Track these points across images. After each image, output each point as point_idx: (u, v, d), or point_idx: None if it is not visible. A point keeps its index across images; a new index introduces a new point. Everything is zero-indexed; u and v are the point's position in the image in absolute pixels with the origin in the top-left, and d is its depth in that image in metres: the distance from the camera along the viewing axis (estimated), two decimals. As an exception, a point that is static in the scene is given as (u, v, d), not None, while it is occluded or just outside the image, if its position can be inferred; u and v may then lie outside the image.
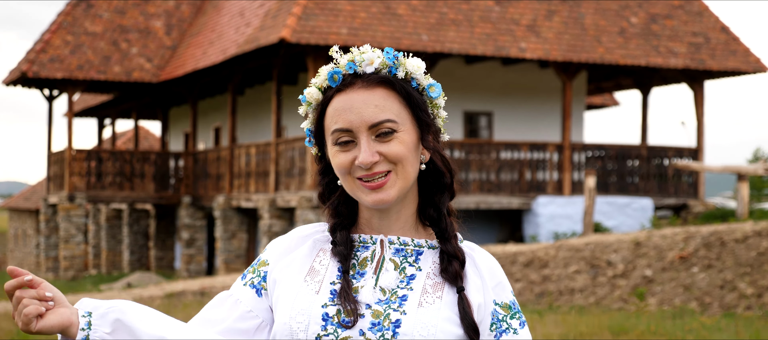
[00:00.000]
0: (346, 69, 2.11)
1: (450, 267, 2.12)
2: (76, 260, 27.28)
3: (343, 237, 2.15)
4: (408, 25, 21.76)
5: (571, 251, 15.79)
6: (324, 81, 2.13)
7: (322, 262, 2.16)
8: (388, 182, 2.08)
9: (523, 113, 25.48)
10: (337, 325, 2.04)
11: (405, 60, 2.13)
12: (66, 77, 26.02)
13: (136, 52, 27.23)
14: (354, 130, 2.08)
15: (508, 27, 22.67)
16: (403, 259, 2.14)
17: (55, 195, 27.70)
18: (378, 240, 2.15)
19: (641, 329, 10.77)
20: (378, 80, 2.10)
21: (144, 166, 27.55)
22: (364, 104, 2.08)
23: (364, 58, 2.11)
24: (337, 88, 2.11)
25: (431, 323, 2.05)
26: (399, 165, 2.08)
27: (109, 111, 35.65)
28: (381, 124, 2.07)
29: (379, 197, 2.08)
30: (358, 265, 2.14)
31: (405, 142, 2.09)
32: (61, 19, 27.17)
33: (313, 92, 2.15)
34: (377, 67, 2.10)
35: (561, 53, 22.67)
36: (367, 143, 2.07)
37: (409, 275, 2.12)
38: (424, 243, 2.17)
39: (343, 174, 2.11)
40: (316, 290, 2.10)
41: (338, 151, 2.10)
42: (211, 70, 25.23)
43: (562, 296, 14.68)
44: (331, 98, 2.12)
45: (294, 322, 2.07)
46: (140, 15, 28.02)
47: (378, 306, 2.07)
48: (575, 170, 23.63)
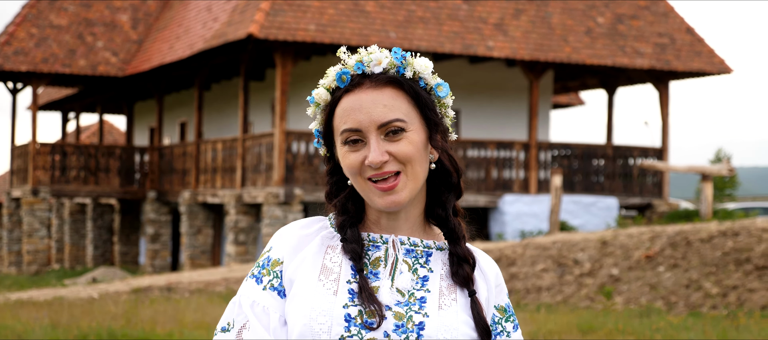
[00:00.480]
0: (355, 69, 2.11)
1: (461, 270, 2.14)
2: (40, 255, 27.07)
3: (354, 234, 2.14)
4: (376, 22, 21.76)
5: (538, 249, 15.86)
6: (332, 81, 2.13)
7: (333, 260, 2.14)
8: (399, 184, 2.08)
9: (490, 112, 25.55)
10: (361, 326, 2.04)
11: (413, 60, 2.14)
12: (30, 70, 25.80)
13: (102, 45, 27.04)
14: (363, 129, 2.08)
15: (476, 25, 22.73)
16: (414, 260, 2.15)
17: (19, 189, 27.46)
18: (390, 240, 2.15)
19: (610, 327, 10.85)
20: (386, 80, 2.10)
21: (109, 160, 27.37)
22: (373, 104, 2.08)
23: (371, 58, 2.11)
24: (346, 89, 2.11)
25: (452, 326, 2.08)
26: (408, 165, 2.09)
27: (73, 105, 35.37)
28: (390, 124, 2.08)
29: (391, 199, 2.08)
30: (371, 265, 2.13)
31: (414, 141, 2.09)
32: (25, 12, 26.94)
33: (321, 93, 2.15)
34: (385, 67, 2.11)
35: (528, 52, 22.76)
36: (376, 143, 2.07)
37: (422, 277, 2.13)
38: (432, 244, 2.17)
39: (354, 175, 2.10)
40: (334, 291, 2.09)
41: (348, 152, 2.10)
42: (178, 65, 25.10)
43: (529, 295, 14.75)
44: (340, 99, 2.12)
45: (315, 323, 2.05)
46: (106, 9, 27.83)
47: (399, 308, 2.08)
48: (541, 168, 23.73)
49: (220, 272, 18.17)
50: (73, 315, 12.62)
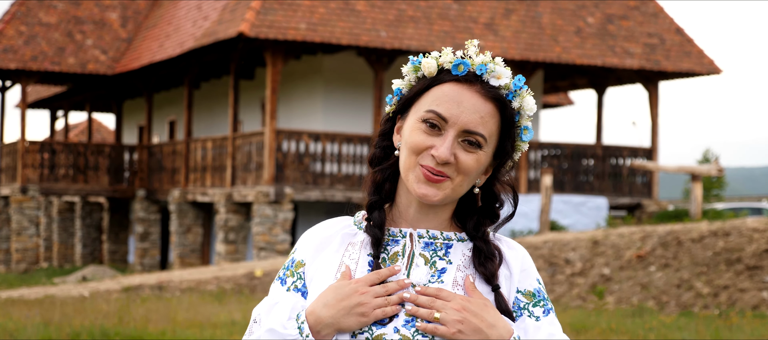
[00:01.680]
0: (476, 69, 2.10)
1: (489, 264, 2.13)
2: (29, 253, 26.99)
3: (380, 218, 2.14)
4: (366, 21, 21.75)
5: (529, 248, 15.88)
6: (448, 63, 2.12)
7: (351, 256, 2.14)
8: (443, 184, 2.08)
9: (481, 111, 25.54)
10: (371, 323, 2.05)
11: (526, 95, 2.13)
12: (19, 68, 25.72)
13: (91, 43, 26.97)
14: (450, 122, 2.07)
15: (466, 25, 22.75)
16: (433, 253, 2.14)
17: (8, 187, 27.38)
18: (408, 234, 2.15)
19: (602, 326, 10.87)
20: (495, 96, 2.10)
21: (98, 159, 27.30)
22: (473, 108, 2.08)
23: (496, 69, 2.11)
24: (456, 78, 2.10)
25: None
26: (461, 176, 2.09)
27: (62, 103, 35.27)
28: (474, 135, 2.08)
29: (425, 192, 2.08)
30: (389, 259, 2.13)
31: (480, 161, 2.10)
32: (14, 9, 26.85)
33: (431, 65, 2.13)
34: (500, 84, 2.11)
35: (518, 52, 22.79)
36: (452, 141, 2.07)
37: (439, 269, 2.12)
38: (453, 236, 2.17)
39: (411, 152, 2.09)
40: None
41: (421, 130, 2.09)
42: (168, 64, 25.05)
43: (521, 294, 14.76)
44: (445, 82, 2.10)
45: None
46: (95, 6, 27.76)
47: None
48: (531, 168, 23.77)
49: (210, 271, 18.15)
50: (65, 314, 12.59)
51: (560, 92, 31.03)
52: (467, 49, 2.13)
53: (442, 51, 2.14)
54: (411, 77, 2.16)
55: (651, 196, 24.82)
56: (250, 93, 25.92)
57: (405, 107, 2.16)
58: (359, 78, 23.67)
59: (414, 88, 2.15)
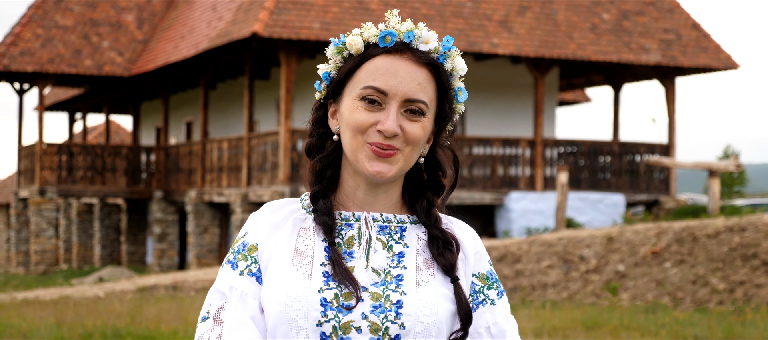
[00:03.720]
0: (404, 37, 2.08)
1: (448, 254, 2.10)
2: (47, 255, 27.10)
3: (326, 206, 2.11)
4: (380, 19, 21.71)
5: (543, 246, 15.83)
6: (373, 37, 2.09)
7: (305, 242, 2.10)
8: (394, 158, 2.06)
9: (496, 109, 25.53)
10: (337, 309, 2.01)
11: (455, 54, 2.12)
12: (37, 71, 25.84)
13: (108, 45, 27.07)
14: (389, 95, 2.05)
15: (481, 23, 22.70)
16: (389, 237, 2.11)
17: (26, 189, 27.50)
18: (362, 218, 2.11)
19: (614, 323, 10.82)
20: (427, 60, 2.08)
21: (115, 160, 27.40)
22: (408, 76, 2.05)
23: (422, 34, 2.09)
24: (385, 50, 2.07)
25: (432, 302, 2.04)
26: (409, 146, 2.06)
27: (80, 105, 35.41)
28: (416, 103, 2.06)
29: (379, 169, 2.05)
30: (345, 244, 2.10)
31: (426, 128, 2.08)
32: (31, 13, 26.97)
33: (357, 41, 2.09)
34: (430, 48, 2.09)
35: (533, 49, 22.72)
36: (396, 113, 2.04)
37: (398, 253, 2.09)
38: (406, 219, 2.14)
39: (356, 132, 2.06)
40: (308, 274, 2.05)
41: (361, 108, 2.06)
42: (183, 65, 25.11)
43: (535, 291, 14.72)
44: (375, 56, 2.07)
45: (291, 310, 2.01)
46: (111, 8, 27.85)
47: (375, 288, 2.04)
48: (547, 165, 23.69)
49: (226, 271, 18.15)
50: (79, 314, 12.64)
51: (577, 89, 30.94)
52: (389, 20, 2.11)
53: (363, 26, 2.10)
54: (336, 59, 2.12)
55: (669, 192, 24.70)
56: (266, 93, 25.95)
57: (337, 90, 2.12)
58: (374, 77, 23.60)
59: (343, 68, 2.10)
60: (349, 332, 2.00)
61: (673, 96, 24.84)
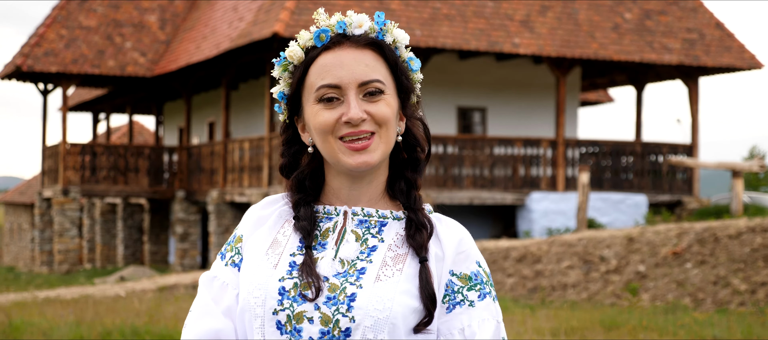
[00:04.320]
0: (336, 29, 2.09)
1: (418, 236, 2.09)
2: (71, 254, 27.24)
3: (307, 212, 2.12)
4: (401, 19, 21.72)
5: (563, 246, 15.78)
6: (309, 41, 2.10)
7: (284, 233, 2.13)
8: (372, 144, 2.06)
9: (517, 109, 25.47)
10: (293, 299, 2.02)
11: (393, 27, 2.12)
12: (60, 71, 25.98)
13: (130, 46, 27.18)
14: (343, 86, 2.05)
15: (502, 22, 22.65)
16: (365, 230, 2.11)
17: (50, 189, 27.66)
18: (341, 211, 2.13)
19: (633, 323, 10.77)
20: (367, 42, 2.09)
21: (138, 160, 27.51)
22: (354, 62, 2.06)
23: (353, 19, 2.10)
24: (324, 47, 2.09)
25: (387, 297, 2.02)
26: (383, 127, 2.07)
27: (103, 105, 35.59)
28: (371, 83, 2.06)
29: (362, 159, 2.05)
30: (320, 236, 2.11)
31: (391, 104, 2.08)
32: (55, 13, 27.12)
33: (295, 51, 2.11)
34: (365, 30, 2.09)
35: (555, 49, 22.65)
36: (356, 100, 2.05)
37: (370, 247, 2.09)
38: (388, 214, 2.14)
39: (325, 134, 2.07)
40: (275, 264, 2.07)
41: (322, 109, 2.07)
42: (205, 65, 25.19)
43: (555, 292, 14.67)
44: (317, 56, 2.09)
45: (251, 297, 2.05)
46: (134, 9, 27.97)
47: (335, 279, 2.04)
48: (569, 165, 23.61)
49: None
50: (98, 313, 12.69)
51: (599, 89, 30.82)
52: (318, 20, 2.11)
53: (297, 36, 2.11)
54: (285, 76, 2.14)
55: (691, 193, 24.57)
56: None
57: (295, 105, 2.14)
58: (395, 77, 23.59)
59: (293, 82, 2.12)
60: (301, 322, 2.01)
61: (697, 96, 24.71)
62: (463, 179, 22.79)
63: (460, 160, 22.77)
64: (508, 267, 15.67)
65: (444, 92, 24.72)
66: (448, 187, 22.70)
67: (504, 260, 15.85)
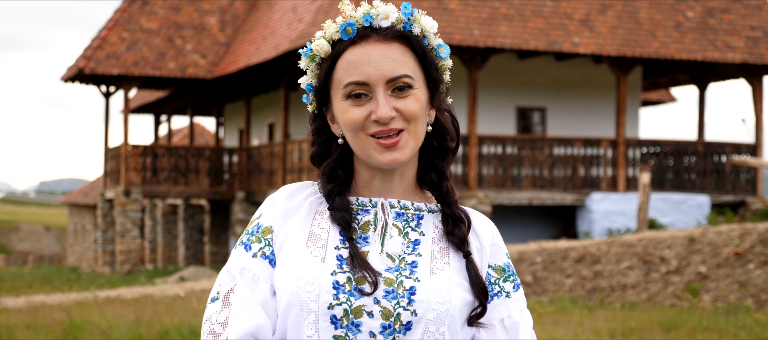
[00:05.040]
0: (362, 21, 2.05)
1: (457, 231, 2.08)
2: (132, 255, 27.53)
3: (343, 202, 2.08)
4: (459, 19, 21.65)
5: (623, 246, 15.60)
6: (335, 33, 2.07)
7: (321, 225, 2.08)
8: (401, 141, 2.03)
9: (577, 109, 25.26)
10: (349, 293, 1.98)
11: (420, 17, 2.08)
12: (122, 74, 26.26)
13: (191, 48, 27.41)
14: (371, 83, 2.02)
15: (561, 21, 22.48)
16: (405, 224, 2.09)
17: (112, 190, 27.98)
18: (378, 203, 2.09)
19: (693, 324, 10.61)
20: (394, 35, 2.05)
21: (198, 161, 27.73)
22: (382, 58, 2.02)
23: (380, 11, 2.05)
24: (351, 41, 2.05)
25: (446, 290, 2.01)
26: (412, 123, 2.03)
27: (165, 107, 35.94)
28: (399, 79, 2.02)
29: (393, 157, 2.02)
30: (360, 229, 2.07)
31: (420, 99, 2.05)
32: (117, 16, 27.43)
33: (321, 45, 2.07)
34: (393, 21, 2.05)
35: (615, 48, 22.43)
36: (384, 97, 2.02)
37: (413, 241, 2.07)
38: (423, 207, 2.11)
39: (355, 130, 2.04)
40: (322, 257, 2.02)
41: (351, 106, 2.03)
42: (264, 66, 25.31)
43: (614, 292, 14.52)
44: (344, 51, 2.05)
45: (303, 291, 1.99)
46: (195, 12, 28.20)
47: (389, 274, 2.02)
48: (630, 166, 23.37)
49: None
50: (157, 312, 12.80)
51: (661, 89, 30.46)
52: (344, 11, 2.08)
53: (323, 27, 2.08)
54: (312, 68, 2.11)
55: (755, 193, 24.18)
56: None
57: (324, 98, 2.10)
58: (453, 77, 23.48)
59: (320, 75, 2.09)
60: (360, 317, 1.98)
61: (761, 95, 24.32)
62: (523, 180, 22.66)
63: (519, 160, 22.65)
64: (566, 268, 15.54)
65: (503, 92, 24.60)
66: (507, 187, 22.58)
67: (563, 261, 15.72)
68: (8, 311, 15.00)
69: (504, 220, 23.48)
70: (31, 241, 67.37)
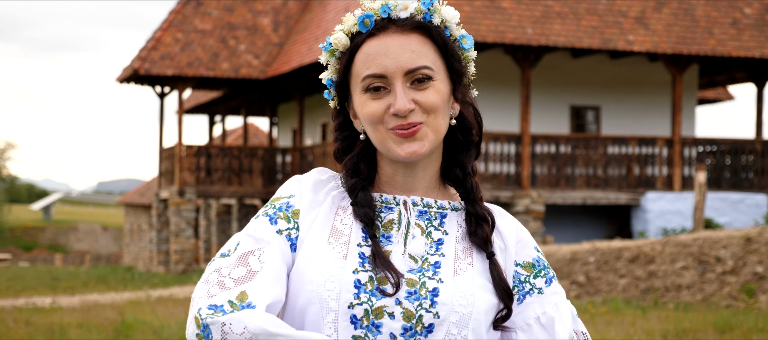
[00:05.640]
0: (380, 13, 1.99)
1: (480, 231, 2.01)
2: (186, 254, 27.71)
3: (366, 198, 2.02)
4: (512, 18, 21.51)
5: (678, 246, 15.38)
6: (353, 26, 2.00)
7: (343, 221, 2.02)
8: (420, 132, 1.96)
9: (632, 107, 24.99)
10: (371, 293, 1.92)
11: (440, 7, 2.01)
12: (176, 74, 26.44)
13: (244, 49, 27.53)
14: (389, 76, 1.96)
15: (616, 19, 22.25)
16: (428, 222, 2.02)
17: (166, 190, 28.19)
18: (401, 201, 2.03)
19: (749, 326, 10.41)
20: (413, 25, 1.98)
21: (252, 161, 27.84)
22: (400, 49, 1.96)
23: (398, 2, 1.99)
24: (369, 33, 1.99)
25: (469, 292, 1.95)
26: (432, 115, 1.97)
27: (219, 107, 36.15)
28: (418, 71, 1.96)
29: (412, 149, 1.96)
30: (383, 228, 2.01)
31: (440, 91, 1.98)
32: (172, 18, 27.63)
33: (340, 38, 2.01)
34: (412, 12, 1.99)
35: (670, 46, 22.16)
36: (402, 90, 1.95)
37: (436, 240, 2.00)
38: (447, 205, 2.05)
39: (374, 124, 1.97)
40: (344, 254, 1.96)
41: (369, 99, 1.97)
42: (317, 66, 25.34)
43: (669, 293, 14.31)
44: (362, 44, 1.99)
45: (323, 289, 1.92)
46: (248, 12, 28.32)
47: (411, 274, 1.95)
48: (686, 165, 23.09)
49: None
50: (208, 311, 12.82)
51: (718, 87, 30.05)
52: (363, 3, 2.01)
53: (343, 20, 2.01)
54: (332, 62, 2.05)
55: (815, 192, 23.76)
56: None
57: (344, 93, 2.05)
58: (506, 76, 23.43)
59: (340, 69, 2.03)
60: (381, 317, 1.91)
61: (820, 92, 23.89)
62: (576, 179, 22.47)
63: (573, 159, 22.46)
64: (620, 268, 15.36)
65: (557, 91, 24.40)
66: (561, 187, 22.40)
67: (616, 261, 15.53)
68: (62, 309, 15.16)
69: (557, 220, 23.29)
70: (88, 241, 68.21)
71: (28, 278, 25.34)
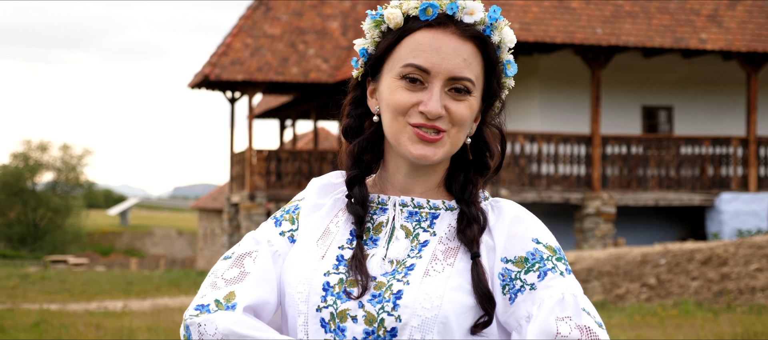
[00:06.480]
0: (446, 8, 1.91)
1: (469, 231, 1.91)
2: (264, 259, 27.86)
3: (362, 193, 1.96)
4: (582, 18, 21.28)
5: (752, 248, 15.06)
6: (413, 9, 1.92)
7: (337, 223, 1.98)
8: (440, 141, 1.89)
9: (705, 107, 24.56)
10: (337, 296, 1.87)
11: (503, 25, 1.94)
12: (246, 79, 26.61)
13: (313, 53, 27.62)
14: (432, 73, 1.89)
15: (688, 18, 21.90)
16: (416, 224, 1.94)
17: (237, 195, 28.40)
18: (394, 203, 1.96)
19: (824, 329, 10.14)
20: (473, 34, 1.91)
21: (322, 165, 27.92)
22: (453, 52, 1.89)
23: (467, 4, 1.92)
24: (427, 23, 1.91)
25: (436, 294, 1.84)
26: (456, 128, 1.90)
27: (289, 112, 36.32)
28: (461, 81, 1.89)
29: (424, 153, 1.89)
30: (373, 230, 1.95)
31: (472, 107, 1.92)
32: (241, 23, 27.82)
33: (395, 14, 1.93)
34: (476, 20, 1.92)
35: (745, 44, 21.76)
36: (439, 93, 1.88)
37: (421, 242, 1.92)
38: (440, 204, 1.96)
39: (396, 113, 1.90)
40: (322, 255, 1.92)
41: (402, 88, 1.90)
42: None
43: (742, 295, 14.01)
44: (416, 30, 1.91)
45: (295, 291, 1.90)
46: (317, 16, 28.41)
47: (383, 278, 1.88)
48: (761, 165, 22.64)
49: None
50: (274, 314, 12.87)
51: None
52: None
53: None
54: (374, 34, 1.96)
55: None
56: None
57: (375, 68, 1.96)
58: (576, 77, 23.19)
59: (381, 44, 1.94)
60: (345, 321, 1.86)
61: None
62: (648, 180, 22.15)
63: (645, 160, 22.15)
64: (692, 270, 15.08)
65: (628, 91, 24.08)
66: (633, 188, 22.10)
67: (688, 263, 15.25)
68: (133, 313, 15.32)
69: (629, 221, 22.98)
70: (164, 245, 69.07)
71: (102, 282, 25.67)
